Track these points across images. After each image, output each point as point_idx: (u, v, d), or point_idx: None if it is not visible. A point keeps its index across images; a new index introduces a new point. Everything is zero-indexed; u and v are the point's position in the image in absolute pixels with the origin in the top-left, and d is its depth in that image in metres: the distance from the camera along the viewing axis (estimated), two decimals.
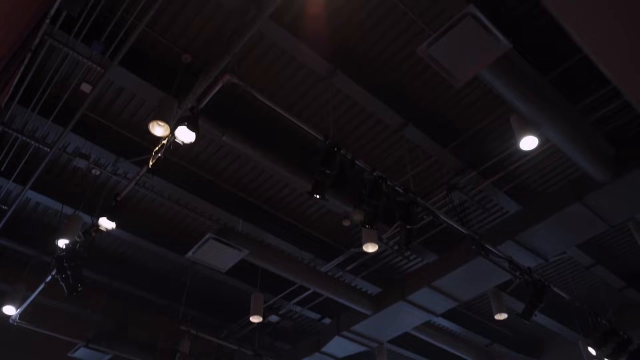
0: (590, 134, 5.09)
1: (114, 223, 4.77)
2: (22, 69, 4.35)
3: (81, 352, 7.15)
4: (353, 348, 7.68)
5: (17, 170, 5.54)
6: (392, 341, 8.56)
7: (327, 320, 8.26)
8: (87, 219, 6.02)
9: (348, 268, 7.17)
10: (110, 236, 7.18)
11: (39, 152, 5.71)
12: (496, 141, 5.73)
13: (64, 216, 6.23)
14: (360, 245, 5.57)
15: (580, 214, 5.43)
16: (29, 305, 6.58)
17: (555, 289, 5.91)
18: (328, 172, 4.01)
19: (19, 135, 5.24)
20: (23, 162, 5.49)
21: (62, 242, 5.31)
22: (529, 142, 4.75)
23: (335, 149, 4.09)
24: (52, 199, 6.30)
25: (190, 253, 5.57)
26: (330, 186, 4.13)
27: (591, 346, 6.57)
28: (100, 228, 4.88)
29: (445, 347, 8.43)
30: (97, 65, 4.54)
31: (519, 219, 5.87)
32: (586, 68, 4.45)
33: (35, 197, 6.32)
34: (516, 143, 4.81)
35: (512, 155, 5.64)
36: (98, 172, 6.14)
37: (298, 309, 8.02)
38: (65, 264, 5.10)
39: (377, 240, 5.36)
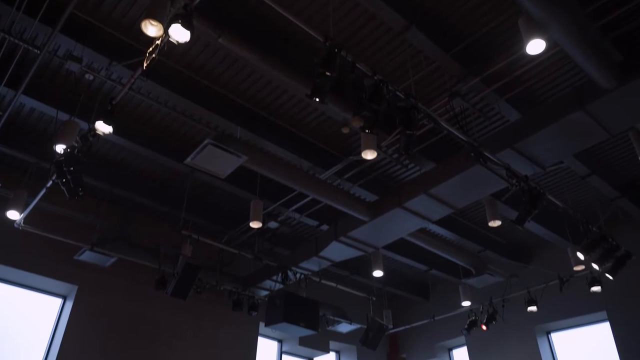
0: (598, 39, 4.91)
1: (110, 127, 4.70)
2: None
3: (86, 255, 7.38)
4: (350, 253, 7.95)
5: (8, 73, 5.39)
6: (388, 247, 8.86)
7: (324, 227, 8.48)
8: (83, 125, 5.95)
9: (346, 176, 7.23)
10: (108, 143, 7.17)
11: (29, 55, 5.55)
12: (501, 47, 5.56)
13: (60, 122, 6.16)
14: (359, 153, 5.55)
15: (581, 122, 5.37)
16: (32, 210, 6.68)
17: (550, 197, 6.00)
18: (328, 74, 3.90)
19: (7, 36, 5.04)
20: (13, 64, 5.33)
21: (59, 148, 5.27)
22: (535, 46, 4.58)
23: (336, 50, 3.94)
24: (47, 104, 6.19)
25: (189, 159, 5.58)
26: (329, 89, 4.03)
27: (580, 252, 6.81)
28: (97, 132, 4.82)
29: (439, 252, 8.72)
30: None
31: (519, 127, 5.82)
32: None
33: (29, 102, 6.21)
34: (522, 48, 4.64)
35: (516, 61, 5.48)
36: (91, 77, 5.99)
37: (297, 215, 8.19)
38: (64, 169, 5.10)
39: (376, 147, 5.33)
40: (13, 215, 6.59)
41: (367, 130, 4.33)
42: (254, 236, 8.53)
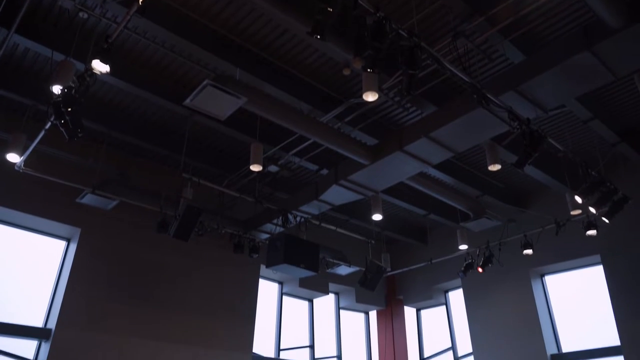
0: None
1: (107, 66, 4.61)
2: None
3: (88, 198, 7.42)
4: (349, 196, 8.00)
5: None
6: (387, 191, 8.92)
7: (324, 172, 8.50)
8: (79, 66, 5.84)
9: (347, 119, 7.18)
10: (105, 85, 7.07)
11: None
12: None
13: (55, 63, 6.03)
14: (360, 96, 5.48)
15: (587, 63, 5.27)
16: (32, 154, 6.67)
17: (551, 140, 5.98)
18: (329, 9, 3.78)
19: None
20: (4, 2, 5.17)
21: (56, 88, 5.20)
22: None
23: None
24: (41, 44, 6.04)
25: (188, 100, 5.51)
26: (330, 26, 3.93)
27: (578, 195, 6.87)
28: (94, 72, 4.73)
29: (438, 196, 8.79)
30: None
31: (523, 69, 5.72)
32: None
33: (23, 42, 6.07)
34: None
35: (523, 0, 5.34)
36: (86, 15, 5.83)
37: (297, 159, 8.19)
38: (62, 110, 5.05)
39: (378, 89, 5.25)
40: (13, 158, 6.57)
41: (369, 70, 4.25)
42: (254, 180, 8.56)
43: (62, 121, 5.18)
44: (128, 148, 8.66)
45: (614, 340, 8.87)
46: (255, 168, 6.73)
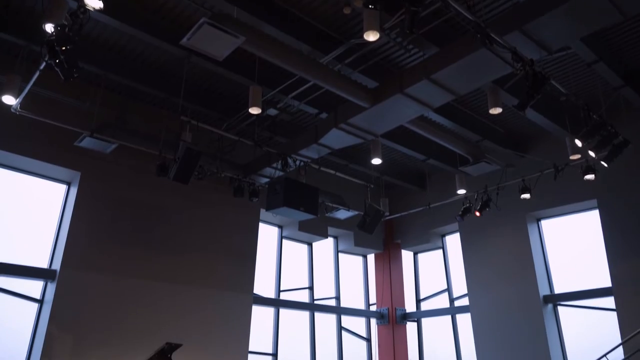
0: None
1: (100, 2, 4.47)
2: None
3: (87, 141, 7.38)
4: (349, 140, 7.98)
5: None
6: (387, 136, 8.90)
7: (324, 115, 8.43)
8: (72, 4, 5.65)
9: (347, 61, 7.03)
10: (99, 24, 6.89)
11: None
12: None
13: (46, 0, 5.84)
14: (361, 36, 5.35)
15: (595, 1, 5.12)
16: (29, 96, 6.58)
17: (553, 82, 5.90)
18: None
19: None
20: None
21: (49, 27, 5.06)
22: None
23: None
24: None
25: (184, 39, 5.38)
26: None
27: (579, 139, 6.85)
28: (87, 8, 4.59)
29: (437, 140, 8.77)
30: None
31: (528, 8, 5.55)
32: None
33: None
34: None
35: None
36: None
37: (296, 103, 8.10)
38: (56, 49, 4.94)
39: (379, 28, 5.12)
40: (9, 100, 6.49)
41: (370, 6, 4.14)
42: (253, 124, 8.50)
43: (57, 61, 5.08)
44: (126, 91, 8.54)
45: (605, 282, 9.11)
46: (254, 111, 6.66)
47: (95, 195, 8.31)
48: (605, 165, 7.27)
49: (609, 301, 9.03)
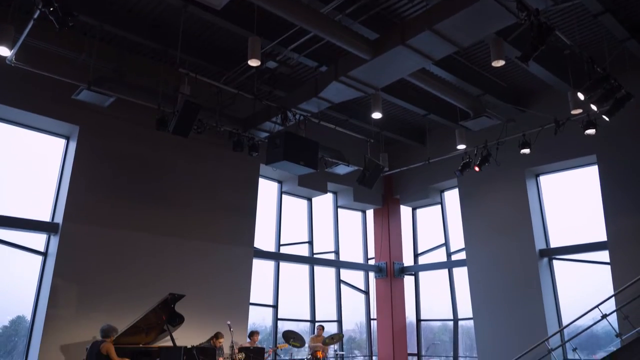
0: None
1: None
2: None
3: (84, 94, 7.28)
4: (349, 93, 7.88)
5: None
6: (387, 91, 8.80)
7: (324, 69, 8.31)
8: None
9: (348, 11, 6.86)
10: None
11: None
12: None
13: None
14: None
15: None
16: (24, 49, 6.45)
17: (558, 34, 5.79)
18: None
19: None
20: None
21: None
22: None
23: None
24: None
25: None
26: None
27: (581, 92, 6.78)
28: None
29: (438, 94, 8.68)
30: None
31: None
32: None
33: None
34: None
35: None
36: None
37: (295, 55, 7.96)
38: None
39: None
40: (3, 51, 6.36)
41: None
42: (252, 77, 8.38)
43: (51, 9, 4.98)
44: (123, 44, 8.38)
45: (600, 236, 9.24)
46: (253, 63, 6.54)
47: (95, 149, 8.29)
48: (607, 119, 7.23)
49: (604, 255, 9.18)
